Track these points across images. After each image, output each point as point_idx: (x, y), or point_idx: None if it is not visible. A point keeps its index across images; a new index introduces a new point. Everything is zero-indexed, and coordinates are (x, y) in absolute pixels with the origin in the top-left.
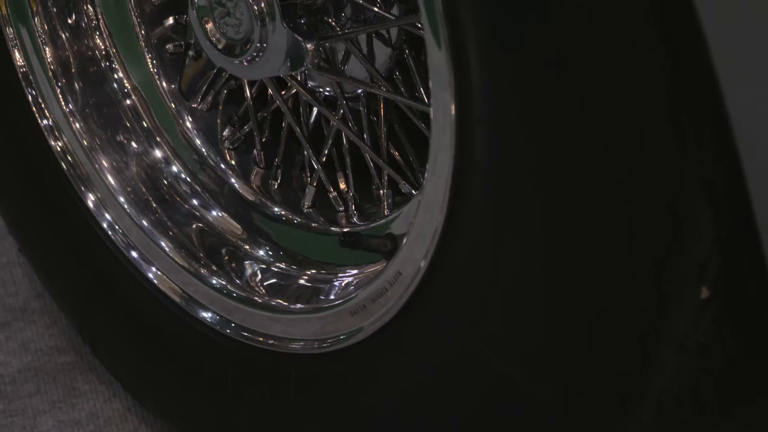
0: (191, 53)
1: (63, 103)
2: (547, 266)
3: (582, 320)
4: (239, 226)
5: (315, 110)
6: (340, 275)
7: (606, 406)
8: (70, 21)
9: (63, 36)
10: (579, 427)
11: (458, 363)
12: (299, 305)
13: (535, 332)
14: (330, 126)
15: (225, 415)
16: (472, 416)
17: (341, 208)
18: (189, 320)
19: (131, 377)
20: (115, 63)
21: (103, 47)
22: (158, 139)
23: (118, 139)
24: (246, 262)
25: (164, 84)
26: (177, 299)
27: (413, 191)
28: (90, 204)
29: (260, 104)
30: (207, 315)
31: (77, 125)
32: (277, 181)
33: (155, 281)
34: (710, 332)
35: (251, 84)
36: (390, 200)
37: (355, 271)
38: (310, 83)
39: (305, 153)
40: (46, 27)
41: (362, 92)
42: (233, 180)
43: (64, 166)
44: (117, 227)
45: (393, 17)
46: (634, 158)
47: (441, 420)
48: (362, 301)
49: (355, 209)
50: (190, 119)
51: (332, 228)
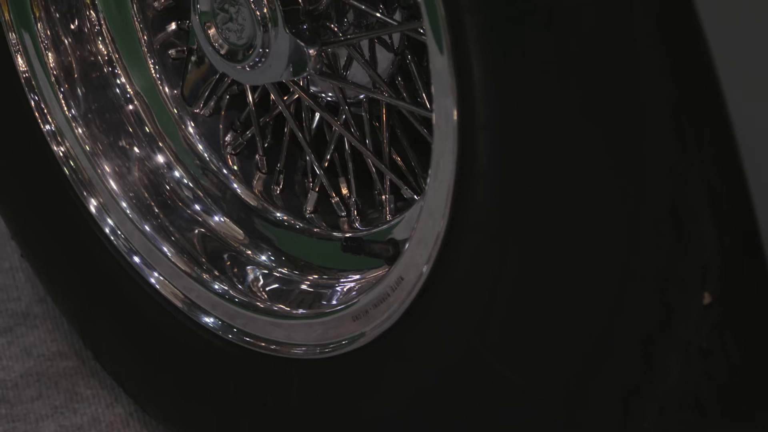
0: (194, 58)
1: (65, 109)
2: (549, 271)
3: (584, 325)
4: (241, 231)
5: (317, 115)
6: (342, 280)
7: (609, 411)
8: (73, 26)
9: (66, 41)
10: None
11: (460, 368)
12: (301, 310)
13: (538, 337)
14: (332, 131)
15: (227, 421)
16: (475, 422)
17: (343, 214)
18: (191, 325)
19: (133, 382)
20: (118, 68)
21: (106, 52)
22: (160, 145)
23: (121, 144)
24: (248, 267)
25: (166, 89)
26: (179, 304)
27: (415, 196)
28: (92, 209)
29: (262, 109)
30: (209, 320)
31: (80, 130)
32: (280, 187)
33: (157, 286)
34: (712, 337)
35: (253, 89)
36: (392, 205)
37: (357, 277)
38: (313, 88)
39: (307, 158)
40: (49, 32)
41: (364, 97)
42: (235, 185)
43: (67, 171)
44: (119, 232)
45: (395, 23)
46: (637, 163)
47: (443, 425)
48: (364, 307)
49: (357, 214)
50: (193, 124)
51: (334, 233)
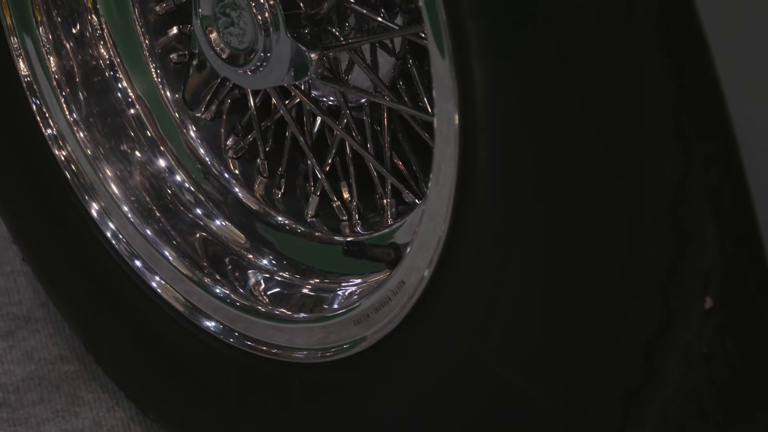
0: (195, 63)
1: (67, 113)
2: (550, 275)
3: (585, 329)
4: (243, 235)
5: (318, 119)
6: (344, 284)
7: (610, 416)
8: (75, 30)
9: (67, 45)
10: None
11: (462, 372)
12: (302, 314)
13: (539, 342)
14: (333, 135)
15: (228, 425)
16: (476, 425)
17: (345, 218)
18: (192, 329)
19: (135, 386)
20: (119, 72)
21: (108, 57)
22: (162, 149)
23: (122, 149)
24: (249, 271)
25: (168, 93)
26: (180, 308)
27: (417, 200)
28: (94, 213)
29: (264, 113)
30: (210, 324)
31: (81, 134)
32: (281, 191)
33: (159, 290)
34: (714, 342)
35: (255, 93)
36: (393, 209)
37: (359, 281)
38: (314, 92)
39: (309, 162)
40: (51, 36)
41: (366, 101)
42: (237, 189)
43: (68, 175)
44: (121, 236)
45: (397, 27)
46: (638, 165)
47: (445, 428)
48: (365, 311)
49: (359, 218)
50: (194, 128)
51: (336, 237)
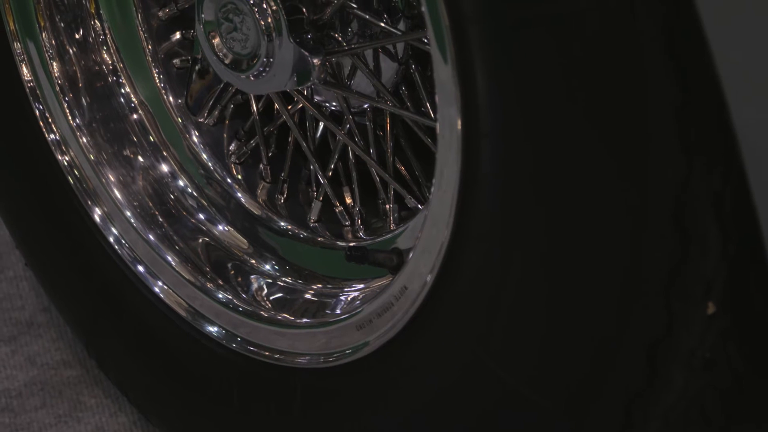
0: (198, 68)
1: (70, 118)
2: (553, 280)
3: (588, 334)
4: (245, 241)
5: (321, 125)
6: (346, 290)
7: (612, 421)
8: (78, 36)
9: (70, 51)
10: None
11: (464, 377)
12: (305, 319)
13: (542, 347)
14: (336, 140)
15: (230, 430)
16: (478, 430)
17: (347, 223)
18: (195, 334)
19: (137, 391)
20: (122, 78)
21: (110, 62)
22: (165, 154)
23: (125, 154)
24: (252, 277)
25: (171, 98)
26: (183, 313)
27: (419, 206)
28: (96, 218)
29: (267, 119)
30: (213, 329)
31: (84, 140)
32: (284, 196)
33: (161, 295)
34: (716, 347)
35: (258, 98)
36: (396, 215)
37: (361, 286)
38: (317, 98)
39: (311, 167)
40: (54, 42)
41: (368, 107)
42: (239, 194)
43: (71, 181)
44: (123, 241)
45: (399, 32)
46: (640, 170)
47: None
48: (368, 316)
49: (362, 224)
50: (197, 134)
51: (338, 242)
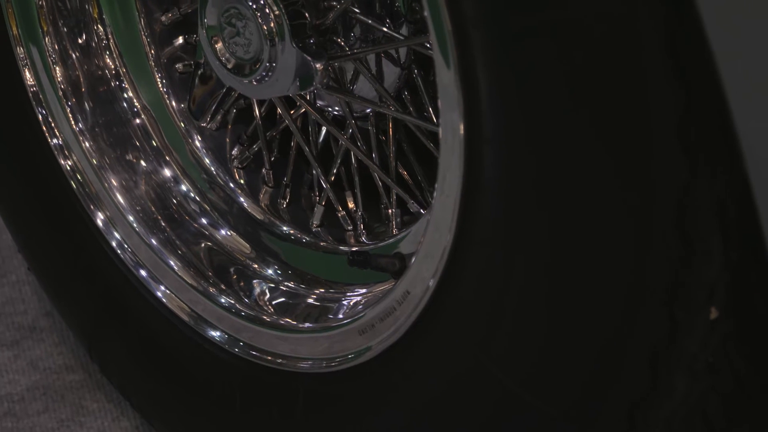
0: (201, 73)
1: (73, 122)
2: (556, 285)
3: (590, 339)
4: (248, 245)
5: (324, 129)
6: (349, 294)
7: (616, 426)
8: (81, 41)
9: (73, 55)
10: None
11: (466, 383)
12: (307, 324)
13: (544, 353)
14: (339, 145)
15: None
16: None
17: (350, 228)
18: (197, 339)
19: (139, 396)
20: (125, 82)
21: (113, 67)
22: (167, 158)
23: (128, 158)
24: (254, 281)
25: (174, 103)
26: (185, 318)
27: (422, 210)
28: (99, 222)
29: (269, 123)
30: (215, 334)
31: (87, 144)
32: (286, 200)
33: (164, 300)
34: (719, 352)
35: (260, 103)
36: (398, 219)
37: (364, 291)
38: (319, 102)
39: (314, 172)
40: (57, 47)
41: (371, 112)
42: (242, 199)
43: (74, 185)
44: (126, 246)
45: (402, 37)
46: (643, 175)
47: None
48: (370, 321)
49: (364, 228)
50: (200, 138)
51: (341, 247)
